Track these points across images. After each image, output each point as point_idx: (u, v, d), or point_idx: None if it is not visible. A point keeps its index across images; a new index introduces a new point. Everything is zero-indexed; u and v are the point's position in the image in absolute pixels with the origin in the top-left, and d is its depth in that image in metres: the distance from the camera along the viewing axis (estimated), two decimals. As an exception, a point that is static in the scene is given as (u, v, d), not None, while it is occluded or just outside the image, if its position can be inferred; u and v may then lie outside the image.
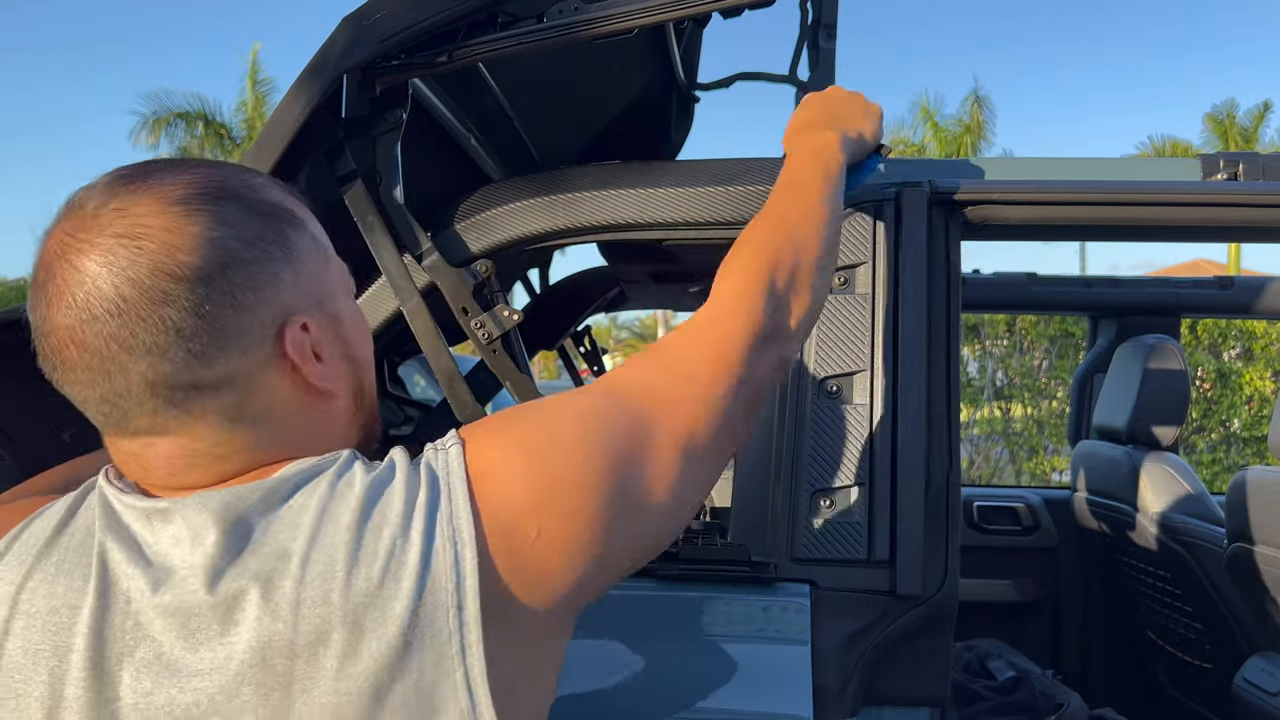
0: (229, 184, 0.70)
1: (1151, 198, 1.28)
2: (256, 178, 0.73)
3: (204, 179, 0.69)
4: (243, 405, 0.68)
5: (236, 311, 0.66)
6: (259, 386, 0.69)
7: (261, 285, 0.68)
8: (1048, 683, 2.11)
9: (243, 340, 0.67)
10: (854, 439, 1.20)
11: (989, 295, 2.75)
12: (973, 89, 23.89)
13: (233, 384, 0.67)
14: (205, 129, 18.30)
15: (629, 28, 1.15)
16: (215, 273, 0.65)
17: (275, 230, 0.70)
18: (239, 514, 0.65)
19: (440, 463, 0.69)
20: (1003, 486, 3.56)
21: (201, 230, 0.66)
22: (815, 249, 0.92)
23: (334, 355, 0.74)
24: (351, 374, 0.77)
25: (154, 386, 0.65)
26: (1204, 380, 6.81)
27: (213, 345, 0.65)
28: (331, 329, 0.74)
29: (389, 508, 0.65)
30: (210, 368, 0.66)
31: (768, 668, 1.12)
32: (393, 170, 1.24)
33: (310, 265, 0.73)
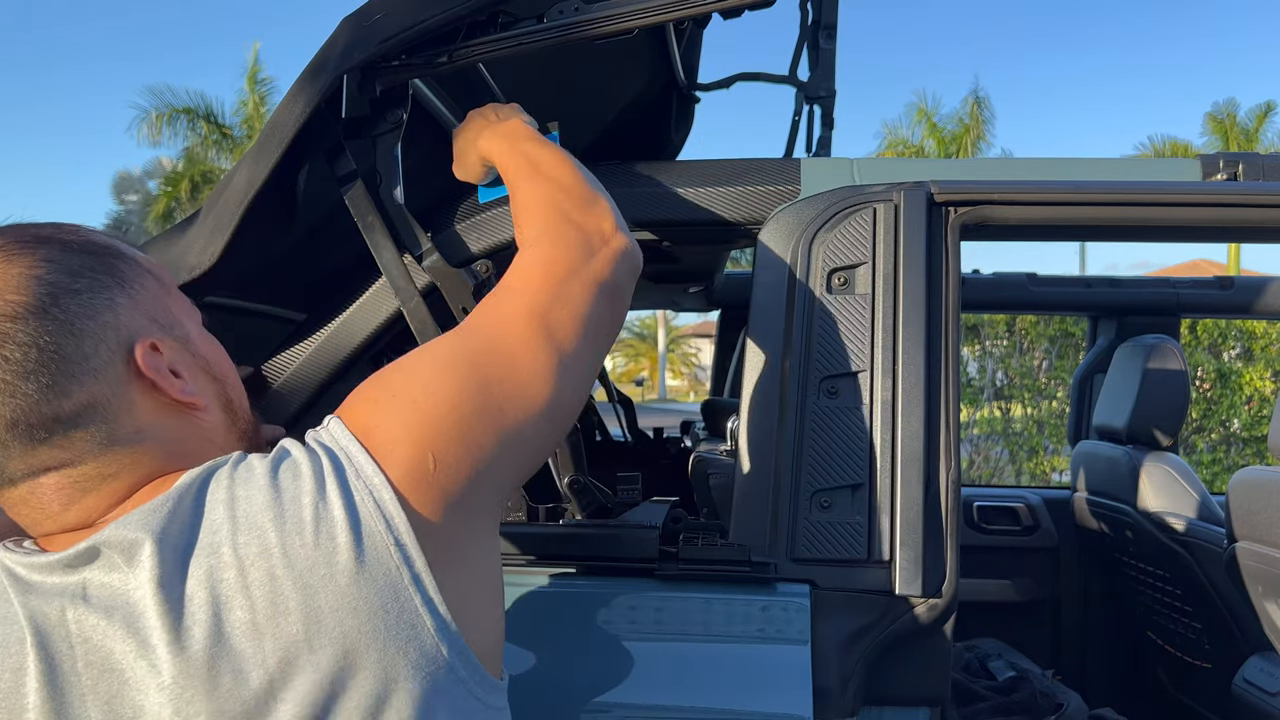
0: (42, 233, 0.72)
1: (1151, 198, 1.28)
2: (74, 228, 0.76)
3: (16, 232, 0.72)
4: (113, 428, 0.70)
5: (78, 339, 0.69)
6: (123, 407, 0.71)
7: (98, 310, 0.70)
8: (1047, 682, 2.11)
9: (91, 364, 0.69)
10: (854, 439, 1.20)
11: (989, 295, 2.75)
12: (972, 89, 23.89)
13: (95, 409, 0.69)
14: (207, 127, 18.30)
15: (629, 28, 1.15)
16: (46, 304, 0.68)
17: (101, 262, 0.73)
18: (160, 525, 0.67)
19: (327, 437, 0.72)
20: (1003, 486, 3.56)
21: (22, 270, 0.69)
22: (572, 173, 0.99)
23: (193, 372, 0.77)
24: (216, 389, 0.80)
25: (15, 427, 0.67)
26: (1204, 380, 6.81)
27: (62, 375, 0.67)
28: (184, 349, 0.77)
29: (299, 478, 0.68)
30: (67, 397, 0.68)
31: (768, 668, 1.13)
32: (393, 170, 1.24)
33: (147, 291, 0.76)
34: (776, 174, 1.34)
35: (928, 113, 19.26)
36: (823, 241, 1.25)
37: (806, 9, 1.81)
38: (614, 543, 1.19)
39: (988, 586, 2.72)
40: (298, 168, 1.22)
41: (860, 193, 1.27)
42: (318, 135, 1.18)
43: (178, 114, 18.10)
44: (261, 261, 1.33)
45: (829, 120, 2.00)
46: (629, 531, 1.19)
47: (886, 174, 1.32)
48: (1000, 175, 1.32)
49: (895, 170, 1.34)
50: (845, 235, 1.25)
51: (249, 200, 1.17)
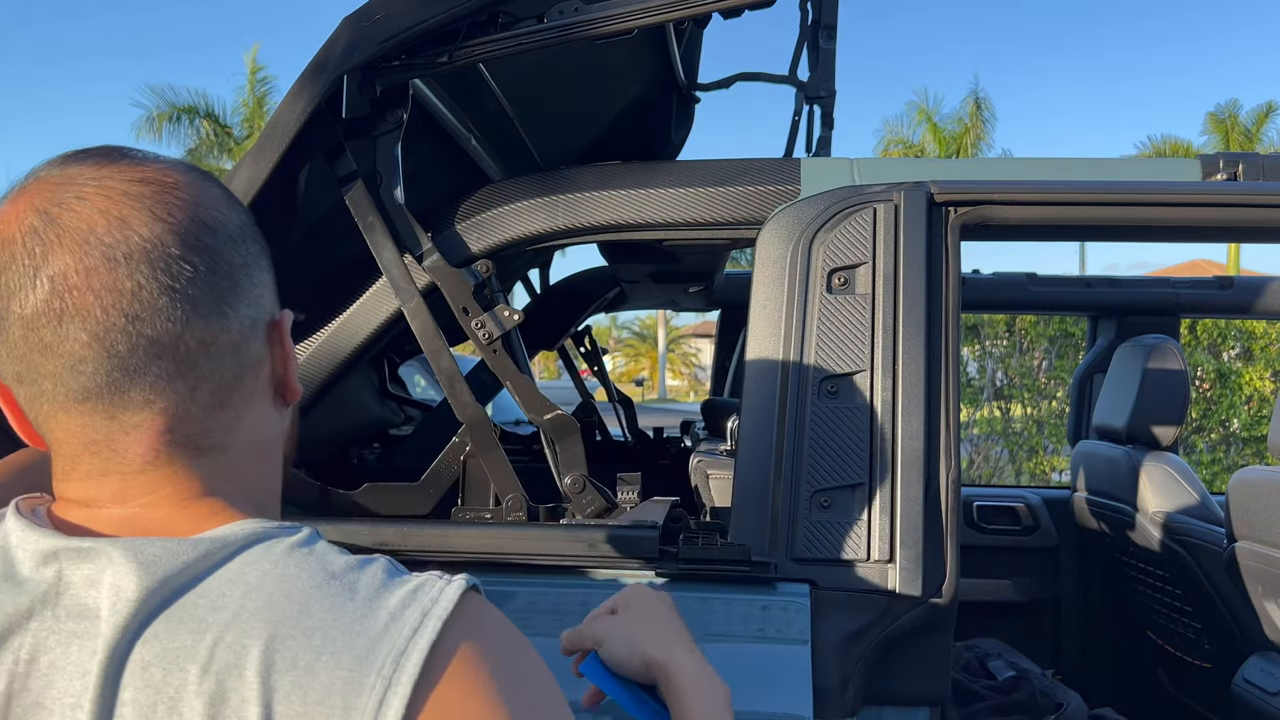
0: (208, 173, 0.68)
1: (1151, 198, 1.28)
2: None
3: (191, 163, 0.67)
4: (233, 386, 0.62)
5: (252, 283, 0.64)
6: (252, 369, 0.64)
7: (263, 269, 0.66)
8: (1047, 682, 2.11)
9: (253, 312, 0.63)
10: (854, 439, 1.20)
11: (989, 295, 2.75)
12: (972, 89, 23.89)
13: (235, 356, 0.62)
14: (208, 126, 18.31)
15: (629, 28, 1.15)
16: (238, 239, 0.63)
17: (254, 226, 0.68)
18: (164, 574, 0.55)
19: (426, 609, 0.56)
20: (1002, 486, 3.56)
21: (222, 196, 0.64)
22: None
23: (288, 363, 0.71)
24: (291, 385, 0.72)
25: (175, 342, 0.58)
26: (1203, 380, 6.81)
27: (232, 307, 0.61)
28: (281, 340, 0.69)
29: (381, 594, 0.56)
30: (226, 331, 0.61)
31: (768, 667, 1.13)
32: (393, 170, 1.24)
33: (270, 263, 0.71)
34: (776, 174, 1.34)
35: (928, 113, 19.26)
36: (823, 241, 1.25)
37: (806, 9, 1.81)
38: (614, 542, 1.19)
39: (988, 586, 2.72)
40: (298, 168, 1.22)
41: (860, 193, 1.27)
42: (318, 135, 1.18)
43: (180, 113, 18.12)
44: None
45: (829, 120, 2.00)
46: (629, 531, 1.19)
47: (886, 174, 1.32)
48: (1000, 175, 1.32)
49: (895, 170, 1.34)
50: (845, 235, 1.25)
51: (249, 200, 1.17)
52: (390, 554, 1.19)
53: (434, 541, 1.20)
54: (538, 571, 1.19)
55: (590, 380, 2.82)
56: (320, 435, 1.59)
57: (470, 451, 1.28)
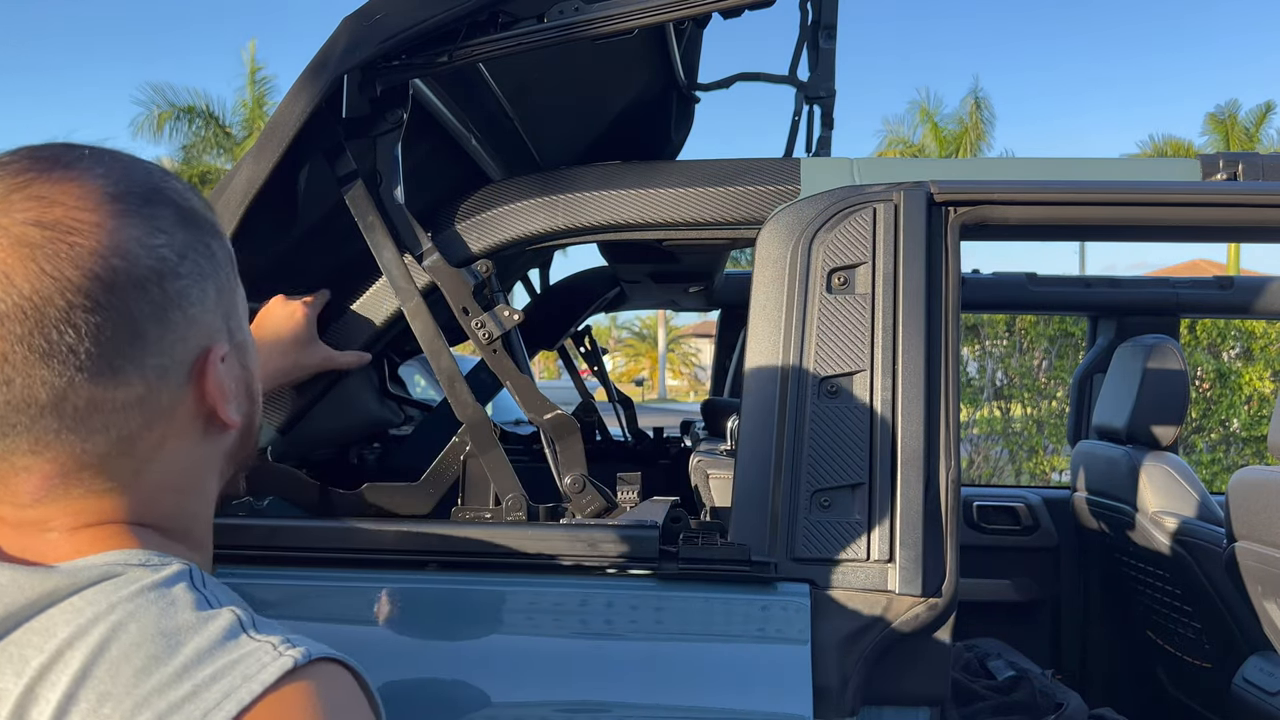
0: (159, 184, 0.62)
1: (1151, 198, 1.28)
2: (178, 179, 0.65)
3: (133, 176, 0.61)
4: (139, 435, 0.59)
5: (163, 329, 0.59)
6: (162, 417, 0.60)
7: (191, 303, 0.60)
8: (1047, 682, 2.11)
9: (163, 361, 0.59)
10: (854, 439, 1.20)
11: (989, 295, 2.75)
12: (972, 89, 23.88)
13: (140, 409, 0.59)
14: (207, 126, 18.31)
15: (629, 28, 1.15)
16: (150, 282, 0.58)
17: (203, 241, 0.63)
18: (5, 606, 0.54)
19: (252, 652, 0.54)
20: (1002, 486, 3.56)
21: (138, 235, 0.58)
22: None
23: (239, 388, 0.66)
24: (248, 409, 0.69)
25: (57, 403, 0.56)
26: (1203, 380, 6.81)
27: (133, 364, 0.57)
28: (239, 359, 0.67)
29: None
30: (125, 388, 0.57)
31: (767, 667, 1.13)
32: (393, 170, 1.24)
33: (229, 285, 0.66)
34: (776, 174, 1.34)
35: (929, 113, 19.26)
36: (823, 241, 1.25)
37: (806, 9, 1.81)
38: (614, 542, 1.19)
39: (987, 586, 2.72)
40: (298, 168, 1.22)
41: (860, 192, 1.27)
42: (318, 135, 1.19)
43: (181, 113, 18.12)
44: (261, 262, 1.33)
45: (829, 120, 2.00)
46: (629, 531, 1.19)
47: (886, 174, 1.32)
48: (1000, 175, 1.32)
49: (895, 170, 1.34)
50: (845, 235, 1.25)
51: (249, 200, 1.18)
52: (390, 554, 1.20)
53: (434, 541, 1.20)
54: (538, 571, 1.19)
55: (590, 380, 2.82)
56: (320, 435, 1.59)
57: (470, 451, 1.28)
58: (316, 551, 1.20)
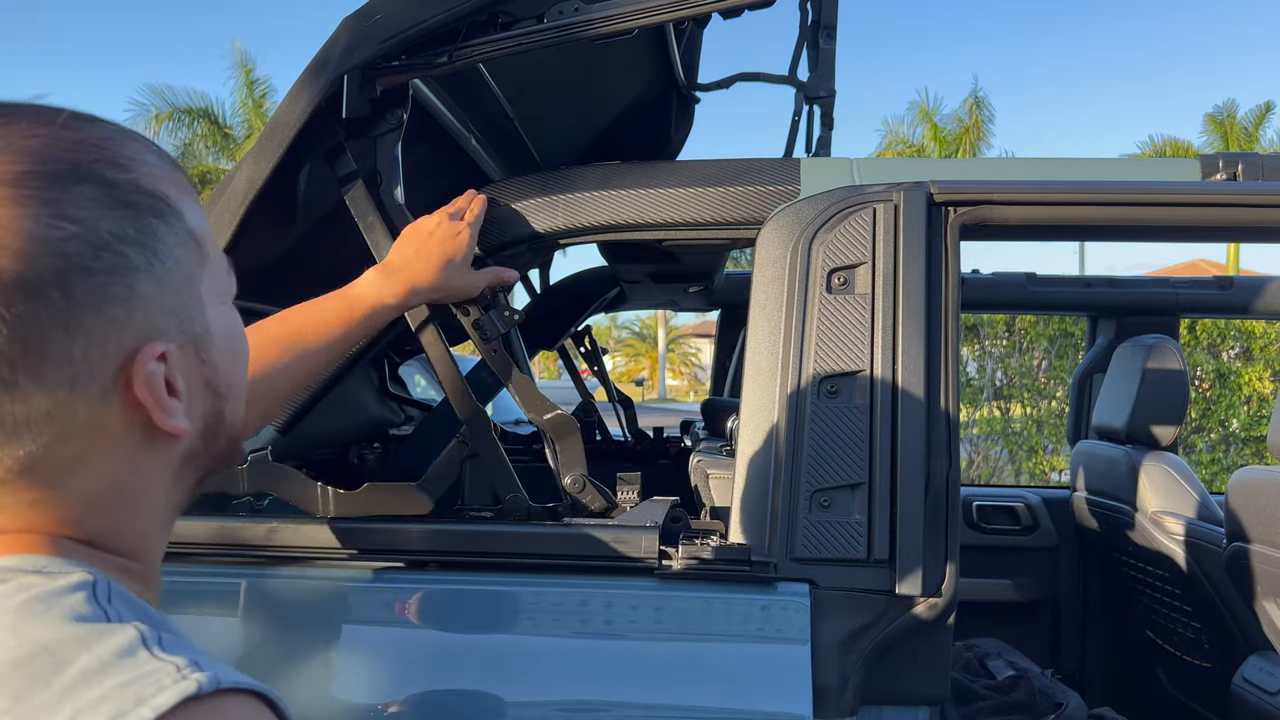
0: (84, 158, 0.52)
1: (1151, 198, 1.28)
2: (128, 145, 0.56)
3: (52, 148, 0.52)
4: (50, 451, 0.52)
5: (70, 335, 0.50)
6: (80, 431, 0.52)
7: (110, 303, 0.52)
8: (1047, 682, 2.11)
9: (73, 370, 0.51)
10: (854, 439, 1.20)
11: (988, 295, 2.75)
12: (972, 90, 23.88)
13: (47, 424, 0.51)
14: (206, 125, 18.30)
15: (629, 28, 1.15)
16: (48, 284, 0.49)
17: (139, 227, 0.53)
18: None
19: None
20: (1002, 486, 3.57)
21: (35, 227, 0.49)
22: None
23: (193, 387, 0.58)
24: (211, 407, 0.60)
25: None
26: (1203, 380, 6.81)
27: (30, 376, 0.50)
28: (196, 354, 0.58)
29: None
30: (23, 402, 0.50)
31: (767, 667, 1.13)
32: (393, 170, 1.24)
33: (180, 272, 0.56)
34: (776, 174, 1.34)
35: (929, 112, 19.27)
36: (822, 241, 1.25)
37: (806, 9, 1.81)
38: (614, 542, 1.19)
39: (987, 586, 2.72)
40: (298, 168, 1.22)
41: (860, 193, 1.27)
42: (318, 135, 1.19)
43: (179, 113, 18.11)
44: (261, 261, 1.33)
45: (829, 120, 2.00)
46: (629, 531, 1.19)
47: (886, 174, 1.32)
48: (1000, 175, 1.32)
49: (895, 170, 1.34)
50: (845, 235, 1.25)
51: (249, 200, 1.18)
52: (390, 554, 1.20)
53: (434, 541, 1.20)
54: (538, 571, 1.20)
55: (590, 380, 2.82)
56: (320, 435, 1.59)
57: (470, 451, 1.28)
58: (316, 551, 1.20)
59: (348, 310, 1.12)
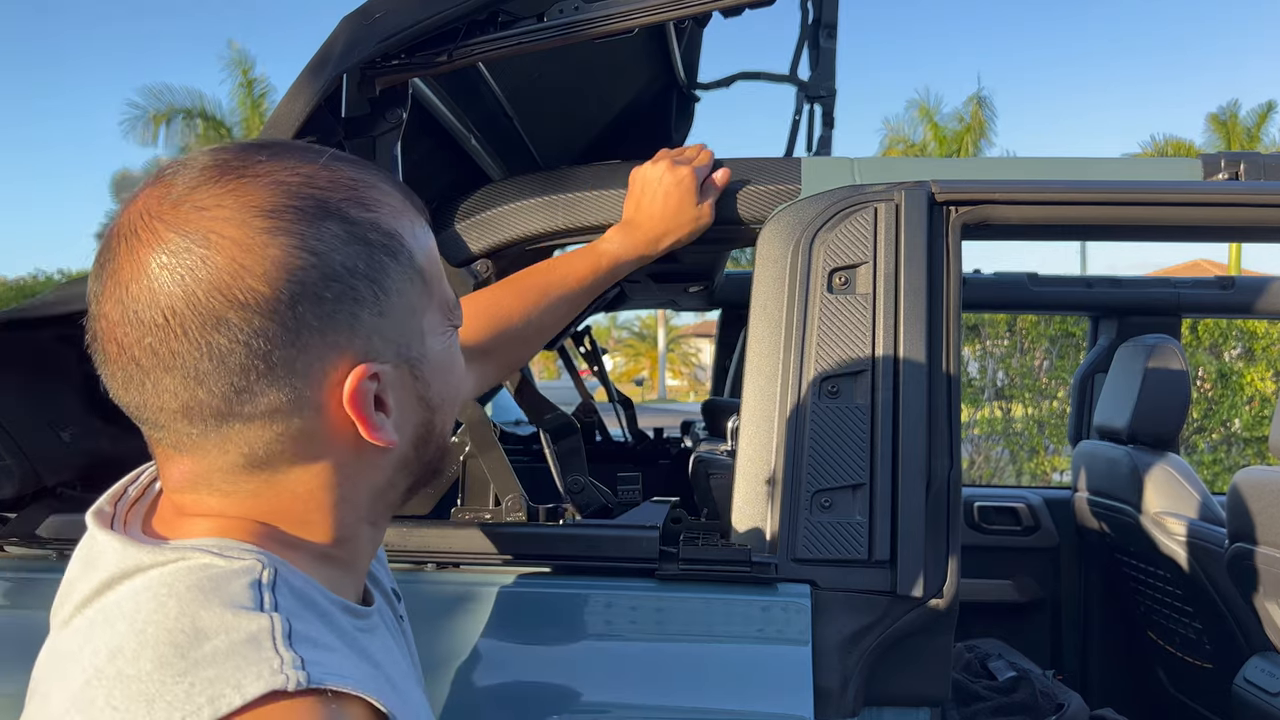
0: (334, 196, 0.59)
1: (1153, 197, 1.28)
2: (375, 188, 0.62)
3: (309, 185, 0.59)
4: (271, 450, 0.60)
5: (296, 350, 0.58)
6: (298, 435, 0.60)
7: (334, 328, 0.59)
8: (1048, 683, 2.11)
9: (294, 381, 0.58)
10: (854, 439, 1.20)
11: (989, 295, 2.75)
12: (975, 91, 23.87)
13: (272, 421, 0.59)
14: (204, 125, 18.30)
15: (629, 27, 1.14)
16: (283, 306, 0.56)
17: (371, 263, 0.60)
18: (101, 576, 0.58)
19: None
20: (1003, 486, 3.56)
21: (281, 255, 0.56)
22: None
23: (405, 401, 0.65)
24: (422, 420, 0.67)
25: (186, 410, 0.58)
26: (1205, 380, 6.80)
27: (260, 381, 0.57)
28: (410, 373, 0.64)
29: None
30: (251, 402, 0.58)
31: (768, 668, 1.12)
32: (392, 170, 1.23)
33: (402, 303, 0.63)
34: (777, 173, 1.33)
35: (930, 111, 19.26)
36: (823, 241, 1.25)
37: (807, 8, 1.81)
38: (614, 543, 1.19)
39: (988, 586, 2.72)
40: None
41: (861, 192, 1.27)
42: (318, 134, 1.18)
43: (177, 114, 18.10)
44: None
45: (829, 119, 2.00)
46: (629, 531, 1.19)
47: (887, 173, 1.32)
48: (1001, 175, 1.32)
49: (896, 169, 1.34)
50: (846, 235, 1.25)
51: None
52: (390, 554, 1.20)
53: (434, 541, 1.20)
54: (537, 571, 1.19)
55: (590, 380, 2.81)
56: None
57: (470, 451, 1.28)
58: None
59: (595, 263, 1.22)
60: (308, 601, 0.59)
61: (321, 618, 0.59)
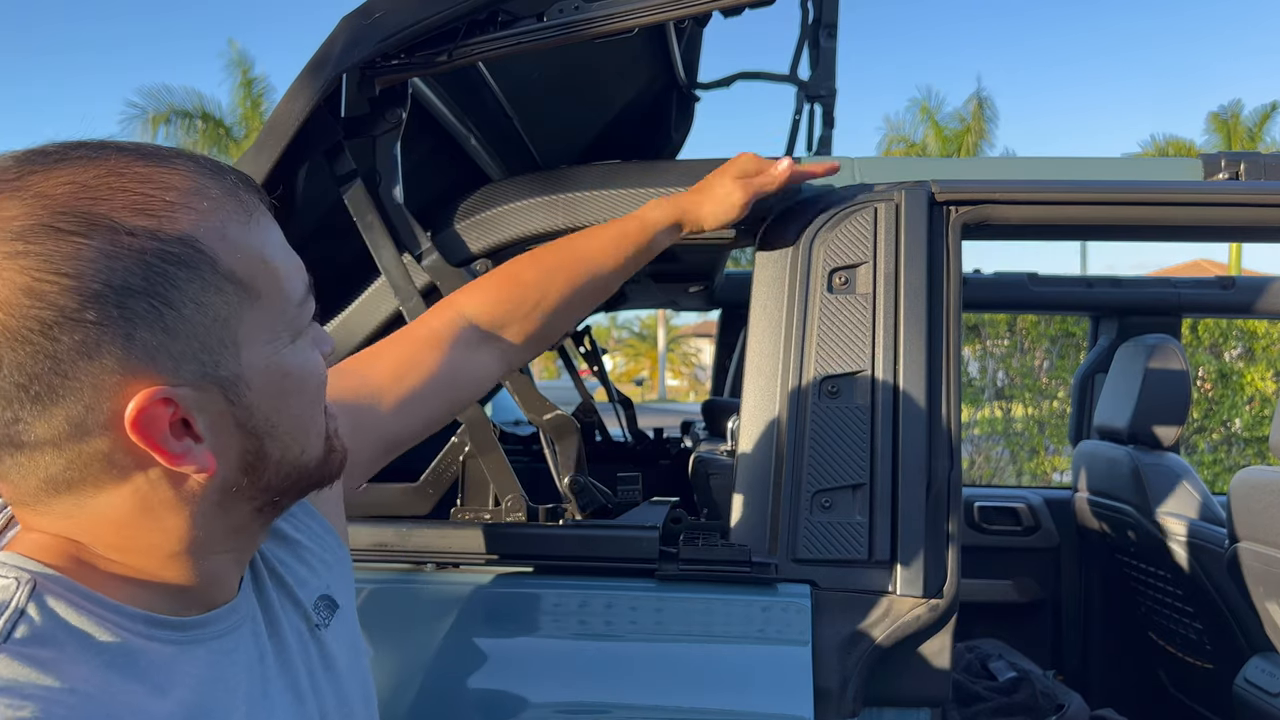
0: (103, 207, 0.54)
1: (1153, 197, 1.28)
2: (169, 189, 0.57)
3: (74, 196, 0.54)
4: (71, 473, 0.57)
5: (60, 378, 0.54)
6: (95, 457, 0.57)
7: (101, 353, 0.54)
8: (1049, 683, 2.10)
9: (69, 408, 0.55)
10: (854, 439, 1.19)
11: (989, 295, 2.75)
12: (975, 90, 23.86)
13: (59, 448, 0.56)
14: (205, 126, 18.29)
15: (629, 27, 1.14)
16: (33, 334, 0.52)
17: (150, 278, 0.55)
18: None
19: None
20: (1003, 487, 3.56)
21: (26, 281, 0.52)
22: None
23: (218, 426, 0.60)
24: (247, 447, 0.62)
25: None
26: (1205, 380, 6.80)
27: (30, 409, 0.54)
28: (222, 395, 0.59)
29: None
30: (29, 431, 0.55)
31: (768, 668, 1.12)
32: (392, 170, 1.23)
33: (201, 316, 0.57)
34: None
35: (930, 111, 19.26)
36: (823, 241, 1.25)
37: (807, 8, 1.81)
38: (614, 543, 1.19)
39: (989, 587, 2.72)
40: (297, 167, 1.21)
41: (861, 192, 1.27)
42: (317, 134, 1.18)
43: (176, 114, 18.09)
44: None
45: (829, 119, 2.00)
46: (629, 532, 1.19)
47: (887, 173, 1.32)
48: (1002, 175, 1.32)
49: (896, 169, 1.34)
50: (846, 234, 1.25)
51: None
52: (390, 554, 1.20)
53: (434, 541, 1.20)
54: (537, 571, 1.19)
55: (590, 380, 2.81)
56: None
57: (470, 451, 1.27)
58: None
59: (622, 233, 1.16)
60: (64, 627, 0.56)
61: (79, 641, 0.56)
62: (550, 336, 1.15)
